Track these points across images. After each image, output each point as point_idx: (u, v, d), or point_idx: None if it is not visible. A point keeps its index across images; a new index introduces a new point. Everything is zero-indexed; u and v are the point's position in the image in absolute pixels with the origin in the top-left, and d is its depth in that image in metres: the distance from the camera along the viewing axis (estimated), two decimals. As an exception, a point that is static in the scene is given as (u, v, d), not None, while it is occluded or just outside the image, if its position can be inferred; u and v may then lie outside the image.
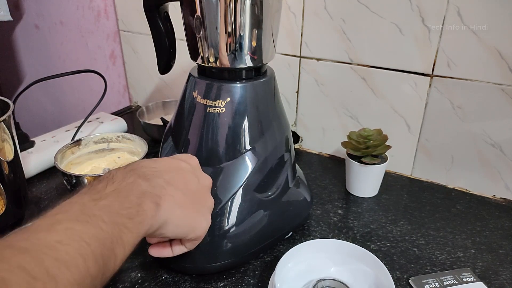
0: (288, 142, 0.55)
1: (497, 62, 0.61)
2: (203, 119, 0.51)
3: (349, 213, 0.65)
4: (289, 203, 0.56)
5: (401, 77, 0.70)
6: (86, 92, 1.21)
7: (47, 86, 1.27)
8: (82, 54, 1.16)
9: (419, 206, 0.67)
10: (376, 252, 0.56)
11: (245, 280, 0.51)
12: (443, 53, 0.65)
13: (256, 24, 0.48)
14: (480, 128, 0.66)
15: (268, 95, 0.53)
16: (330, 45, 0.74)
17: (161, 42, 0.55)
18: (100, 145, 0.66)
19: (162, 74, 0.57)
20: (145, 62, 1.03)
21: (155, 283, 0.50)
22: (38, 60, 1.28)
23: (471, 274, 0.51)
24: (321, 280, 0.45)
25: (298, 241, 0.57)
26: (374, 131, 0.66)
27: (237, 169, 0.50)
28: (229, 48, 0.48)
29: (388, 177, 0.74)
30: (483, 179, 0.69)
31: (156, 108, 0.93)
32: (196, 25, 0.48)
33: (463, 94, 0.65)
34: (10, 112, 0.52)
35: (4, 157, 0.52)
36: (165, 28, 0.54)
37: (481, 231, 0.61)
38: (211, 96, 0.50)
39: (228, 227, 0.49)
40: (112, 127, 0.88)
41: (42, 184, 0.72)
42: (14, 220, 0.56)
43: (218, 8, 0.46)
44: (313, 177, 0.75)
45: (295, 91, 0.81)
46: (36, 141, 0.78)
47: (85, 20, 1.09)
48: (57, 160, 0.59)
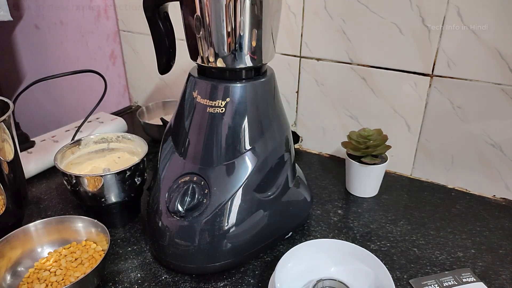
0: (288, 142, 0.55)
1: (497, 62, 0.61)
2: (203, 119, 0.51)
3: (349, 213, 0.65)
4: (289, 203, 0.56)
5: (401, 77, 0.70)
6: (86, 92, 1.21)
7: (47, 86, 1.28)
8: (82, 54, 1.16)
9: (419, 206, 0.67)
10: (376, 252, 0.56)
11: (245, 280, 0.51)
12: (443, 53, 0.65)
13: (256, 24, 0.48)
14: (480, 128, 0.66)
15: (268, 95, 0.53)
16: (330, 45, 0.74)
17: (161, 42, 0.55)
18: (100, 145, 0.66)
19: (162, 74, 0.57)
20: (145, 62, 1.03)
21: (155, 283, 0.50)
22: (38, 60, 1.28)
23: (471, 274, 0.51)
24: (321, 280, 0.45)
25: (298, 241, 0.57)
26: (374, 131, 0.66)
27: (237, 169, 0.50)
28: (229, 48, 0.48)
29: (388, 177, 0.74)
30: (483, 179, 0.69)
31: (156, 108, 0.93)
32: (196, 25, 0.48)
33: (463, 94, 0.65)
34: (10, 112, 0.52)
35: (4, 157, 0.52)
36: (165, 28, 0.54)
37: (481, 231, 0.61)
38: (211, 96, 0.50)
39: (228, 227, 0.49)
40: (112, 127, 0.88)
41: (42, 184, 0.72)
42: (14, 220, 0.56)
43: (218, 8, 0.46)
44: (313, 177, 0.75)
45: (295, 91, 0.81)
46: (36, 141, 0.78)
47: (85, 20, 1.09)
48: (57, 160, 0.59)
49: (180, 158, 0.52)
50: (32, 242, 0.53)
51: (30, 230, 0.53)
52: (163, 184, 0.52)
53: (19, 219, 0.59)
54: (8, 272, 0.50)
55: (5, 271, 0.50)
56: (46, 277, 0.50)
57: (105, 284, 0.50)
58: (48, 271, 0.51)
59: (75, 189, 0.57)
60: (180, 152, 0.53)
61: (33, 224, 0.53)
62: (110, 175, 0.55)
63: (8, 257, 0.51)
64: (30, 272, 0.51)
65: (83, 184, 0.56)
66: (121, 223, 0.61)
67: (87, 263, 0.51)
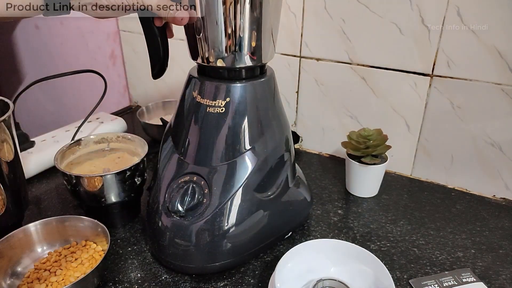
0: (288, 142, 0.55)
1: (497, 62, 0.61)
2: (203, 119, 0.51)
3: (349, 213, 0.65)
4: (289, 203, 0.56)
5: (401, 77, 0.69)
6: (86, 92, 1.21)
7: (47, 86, 1.27)
8: (82, 54, 1.16)
9: (419, 206, 0.67)
10: (376, 252, 0.56)
11: (245, 280, 0.51)
12: (443, 53, 0.65)
13: (256, 24, 0.48)
14: (480, 128, 0.66)
15: (268, 94, 0.53)
16: (330, 45, 0.74)
17: (154, 45, 0.53)
18: (100, 145, 0.66)
19: (154, 78, 0.56)
20: (145, 62, 1.02)
21: (155, 283, 0.50)
22: (38, 60, 1.27)
23: (471, 274, 0.51)
24: (321, 280, 0.45)
25: (298, 241, 0.57)
26: (374, 131, 0.66)
27: (237, 169, 0.50)
28: (229, 48, 0.48)
29: (388, 177, 0.74)
30: (483, 179, 0.69)
31: (156, 108, 0.93)
32: (196, 25, 0.48)
33: (463, 94, 0.65)
34: (10, 112, 0.52)
35: (4, 157, 0.52)
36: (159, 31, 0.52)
37: (481, 231, 0.61)
38: (211, 95, 0.50)
39: (228, 226, 0.49)
40: (112, 127, 0.88)
41: (42, 184, 0.72)
42: (14, 220, 0.56)
43: (218, 7, 0.46)
44: (313, 177, 0.75)
45: (295, 91, 0.81)
46: (36, 141, 0.78)
47: (85, 20, 1.09)
48: (57, 160, 0.59)
49: (180, 158, 0.52)
50: (32, 242, 0.53)
51: (30, 230, 0.53)
52: (163, 183, 0.52)
53: (19, 219, 0.58)
54: (8, 272, 0.50)
55: (5, 271, 0.50)
56: (46, 277, 0.49)
57: (105, 284, 0.50)
58: (48, 271, 0.50)
59: (75, 189, 0.57)
60: (180, 152, 0.53)
61: (33, 224, 0.53)
62: (110, 175, 0.55)
63: (8, 257, 0.51)
64: (30, 272, 0.51)
65: (83, 184, 0.56)
66: (121, 223, 0.61)
67: (87, 263, 0.51)
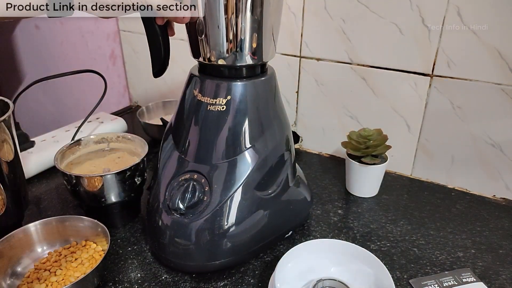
0: (288, 141, 0.55)
1: (497, 62, 0.61)
2: (203, 117, 0.51)
3: (349, 213, 0.65)
4: (289, 202, 0.56)
5: (401, 77, 0.69)
6: (86, 92, 1.21)
7: (47, 86, 1.27)
8: (82, 54, 1.16)
9: (419, 206, 0.67)
10: (376, 252, 0.56)
11: (245, 280, 0.51)
12: (443, 53, 0.65)
13: (256, 22, 0.48)
14: (480, 128, 0.66)
15: (268, 93, 0.53)
16: (330, 45, 0.74)
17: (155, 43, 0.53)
18: (100, 145, 0.66)
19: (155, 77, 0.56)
20: (145, 62, 1.03)
21: (155, 283, 0.50)
22: (38, 60, 1.27)
23: (471, 274, 0.51)
24: (321, 280, 0.45)
25: (298, 241, 0.57)
26: (374, 131, 0.66)
27: (238, 167, 0.50)
28: (230, 47, 0.48)
29: (388, 177, 0.74)
30: (483, 179, 0.69)
31: (156, 108, 0.93)
32: (198, 24, 0.48)
33: (463, 94, 0.65)
34: (10, 112, 0.52)
35: (4, 157, 0.52)
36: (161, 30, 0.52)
37: (481, 231, 0.61)
38: (211, 94, 0.50)
39: (228, 225, 0.49)
40: (112, 127, 0.88)
41: (42, 184, 0.72)
42: (14, 220, 0.56)
43: (219, 7, 0.46)
44: (313, 177, 0.75)
45: (295, 91, 0.81)
46: (36, 141, 0.78)
47: (85, 20, 1.09)
48: (57, 160, 0.59)
49: (181, 156, 0.52)
50: (32, 242, 0.53)
51: (30, 230, 0.53)
52: (164, 181, 0.52)
53: (19, 219, 0.58)
54: (8, 272, 0.50)
55: (5, 271, 0.50)
56: (46, 277, 0.49)
57: (105, 284, 0.50)
58: (48, 271, 0.50)
59: (75, 189, 0.57)
60: (181, 150, 0.53)
61: (33, 224, 0.53)
62: (110, 175, 0.55)
63: (8, 257, 0.50)
64: (30, 272, 0.51)
65: (83, 184, 0.55)
66: (121, 223, 0.61)
67: (87, 263, 0.51)
